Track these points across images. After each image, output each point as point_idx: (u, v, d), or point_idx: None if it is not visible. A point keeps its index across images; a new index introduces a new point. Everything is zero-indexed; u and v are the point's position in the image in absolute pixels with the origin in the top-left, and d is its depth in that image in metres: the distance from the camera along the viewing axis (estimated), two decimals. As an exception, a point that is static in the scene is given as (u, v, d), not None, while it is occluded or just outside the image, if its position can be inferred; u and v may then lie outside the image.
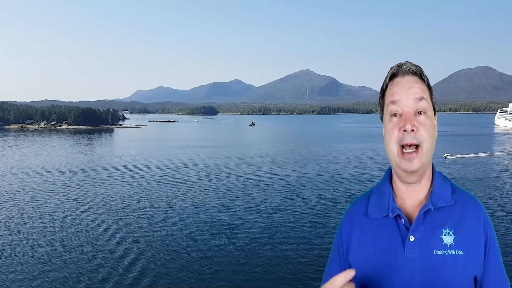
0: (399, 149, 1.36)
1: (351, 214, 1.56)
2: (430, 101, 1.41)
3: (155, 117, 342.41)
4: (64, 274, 18.66)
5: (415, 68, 1.41)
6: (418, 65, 1.43)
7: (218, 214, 28.69)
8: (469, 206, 1.41)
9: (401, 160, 1.35)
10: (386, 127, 1.42)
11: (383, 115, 1.46)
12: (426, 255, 1.31)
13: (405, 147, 1.35)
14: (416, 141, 1.33)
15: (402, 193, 1.45)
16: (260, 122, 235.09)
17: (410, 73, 1.41)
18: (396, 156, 1.37)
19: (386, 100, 1.43)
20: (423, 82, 1.41)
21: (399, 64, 1.43)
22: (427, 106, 1.38)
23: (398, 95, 1.38)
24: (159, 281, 17.95)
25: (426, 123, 1.35)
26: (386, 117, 1.43)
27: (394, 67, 1.44)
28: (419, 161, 1.34)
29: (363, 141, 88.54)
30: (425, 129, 1.34)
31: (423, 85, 1.41)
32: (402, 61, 1.45)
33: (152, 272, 18.82)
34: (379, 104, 1.50)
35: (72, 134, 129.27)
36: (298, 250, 21.29)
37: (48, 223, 27.04)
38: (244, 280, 17.95)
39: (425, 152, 1.34)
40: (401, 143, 1.35)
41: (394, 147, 1.37)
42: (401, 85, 1.40)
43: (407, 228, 1.38)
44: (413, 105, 1.36)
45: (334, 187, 37.70)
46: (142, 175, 46.30)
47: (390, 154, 1.40)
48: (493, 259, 1.39)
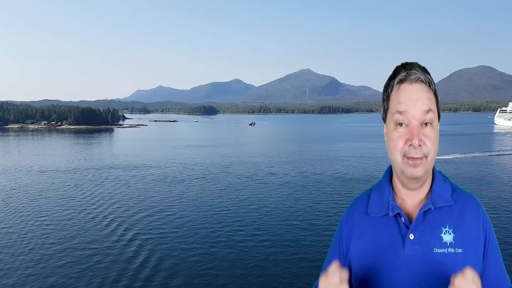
0: (403, 157, 1.35)
1: (351, 212, 1.57)
2: (436, 111, 1.38)
3: (155, 117, 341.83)
4: (63, 271, 18.75)
5: (424, 77, 1.37)
6: (425, 68, 1.40)
7: (218, 213, 28.74)
8: (469, 206, 1.42)
9: (405, 166, 1.35)
10: (391, 134, 1.39)
11: (387, 120, 1.43)
12: (426, 253, 1.33)
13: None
14: (422, 155, 1.33)
15: (402, 193, 1.47)
16: (260, 121, 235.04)
17: (419, 82, 1.36)
18: (400, 163, 1.36)
19: (392, 106, 1.39)
20: (430, 91, 1.37)
21: (407, 67, 1.38)
22: (434, 117, 1.36)
23: (405, 105, 1.35)
24: (156, 279, 18.05)
25: (432, 135, 1.34)
26: (391, 124, 1.40)
27: (403, 72, 1.38)
28: (423, 169, 1.34)
29: (363, 141, 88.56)
30: (431, 141, 1.34)
31: (431, 94, 1.37)
32: (404, 60, 1.39)
33: (149, 271, 18.92)
34: (383, 105, 1.46)
35: (72, 134, 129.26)
36: (299, 248, 21.37)
37: (47, 222, 27.08)
38: (242, 277, 18.04)
39: (429, 161, 1.35)
40: (406, 155, 1.34)
41: (399, 157, 1.36)
42: (409, 94, 1.35)
43: (407, 226, 1.40)
44: (420, 117, 1.33)
45: (334, 186, 37.75)
46: (142, 174, 46.33)
47: (394, 161, 1.39)
48: (493, 258, 1.40)
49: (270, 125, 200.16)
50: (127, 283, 17.70)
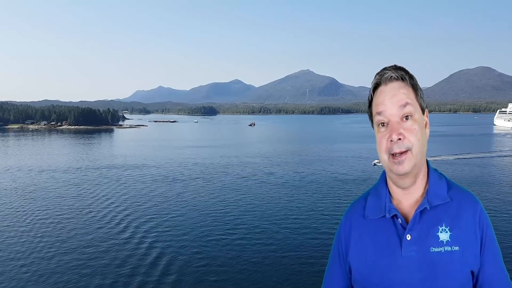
0: (390, 156, 1.39)
1: (349, 216, 1.58)
2: (416, 103, 1.41)
3: (155, 117, 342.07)
4: (62, 271, 18.80)
5: (396, 74, 1.41)
6: (402, 66, 1.44)
7: (218, 213, 28.81)
8: (465, 203, 1.42)
9: (392, 164, 1.38)
10: (376, 137, 1.44)
11: (373, 125, 1.48)
12: (423, 253, 1.34)
13: (395, 154, 1.37)
14: (405, 148, 1.35)
15: (398, 194, 1.48)
16: (260, 122, 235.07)
17: (393, 80, 1.41)
18: (387, 161, 1.40)
19: (373, 110, 1.45)
20: (406, 85, 1.41)
21: (381, 73, 1.44)
22: (413, 109, 1.38)
23: (382, 105, 1.40)
24: (154, 278, 18.11)
25: (413, 127, 1.36)
26: (375, 127, 1.45)
27: (377, 76, 1.45)
28: (410, 163, 1.35)
29: (362, 141, 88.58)
30: (413, 134, 1.35)
31: (407, 88, 1.41)
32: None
33: (147, 270, 18.97)
34: (368, 113, 1.52)
35: (72, 134, 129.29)
36: (300, 248, 21.46)
37: (47, 222, 27.16)
38: (242, 274, 18.09)
39: (415, 155, 1.36)
40: (390, 152, 1.38)
41: (385, 156, 1.40)
42: (384, 94, 1.41)
43: (403, 227, 1.41)
44: (398, 112, 1.37)
45: (334, 187, 37.81)
46: (142, 174, 46.39)
47: (382, 161, 1.43)
48: (490, 254, 1.40)
49: (270, 125, 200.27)
50: (127, 282, 17.77)
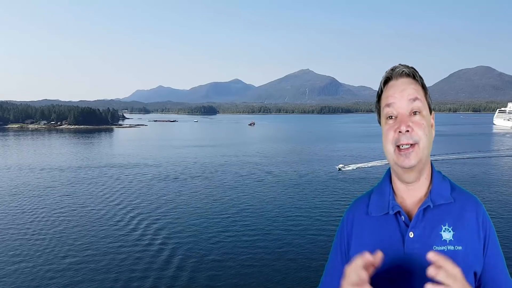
0: (396, 148, 1.38)
1: (352, 212, 1.58)
2: (425, 101, 1.43)
3: (155, 117, 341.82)
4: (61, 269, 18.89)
5: (408, 70, 1.43)
6: (412, 66, 1.46)
7: (217, 213, 28.91)
8: (468, 205, 1.43)
9: (398, 157, 1.37)
10: (383, 129, 1.45)
11: (380, 119, 1.49)
12: (426, 250, 1.31)
13: (402, 146, 1.37)
14: (412, 141, 1.35)
15: (402, 192, 1.47)
16: (260, 121, 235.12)
17: (404, 75, 1.43)
18: (393, 154, 1.39)
19: (382, 103, 1.46)
20: (417, 82, 1.44)
21: (393, 68, 1.46)
22: (422, 106, 1.40)
23: (392, 97, 1.41)
24: (151, 278, 18.19)
25: (422, 122, 1.38)
26: (383, 120, 1.46)
27: (388, 71, 1.47)
28: (416, 156, 1.35)
29: (362, 141, 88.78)
30: (421, 128, 1.37)
31: (417, 85, 1.43)
32: (397, 64, 1.46)
33: (145, 268, 19.06)
34: (376, 108, 1.52)
35: (72, 134, 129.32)
36: (301, 247, 21.56)
37: (47, 221, 27.26)
38: (242, 273, 18.19)
39: (421, 149, 1.36)
40: (397, 143, 1.37)
41: (391, 148, 1.40)
42: (395, 87, 1.43)
43: (406, 224, 1.41)
44: (407, 106, 1.39)
45: (334, 186, 37.93)
46: (142, 173, 46.47)
47: (388, 154, 1.42)
48: (493, 255, 1.40)
49: (270, 125, 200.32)
50: (126, 280, 17.86)
